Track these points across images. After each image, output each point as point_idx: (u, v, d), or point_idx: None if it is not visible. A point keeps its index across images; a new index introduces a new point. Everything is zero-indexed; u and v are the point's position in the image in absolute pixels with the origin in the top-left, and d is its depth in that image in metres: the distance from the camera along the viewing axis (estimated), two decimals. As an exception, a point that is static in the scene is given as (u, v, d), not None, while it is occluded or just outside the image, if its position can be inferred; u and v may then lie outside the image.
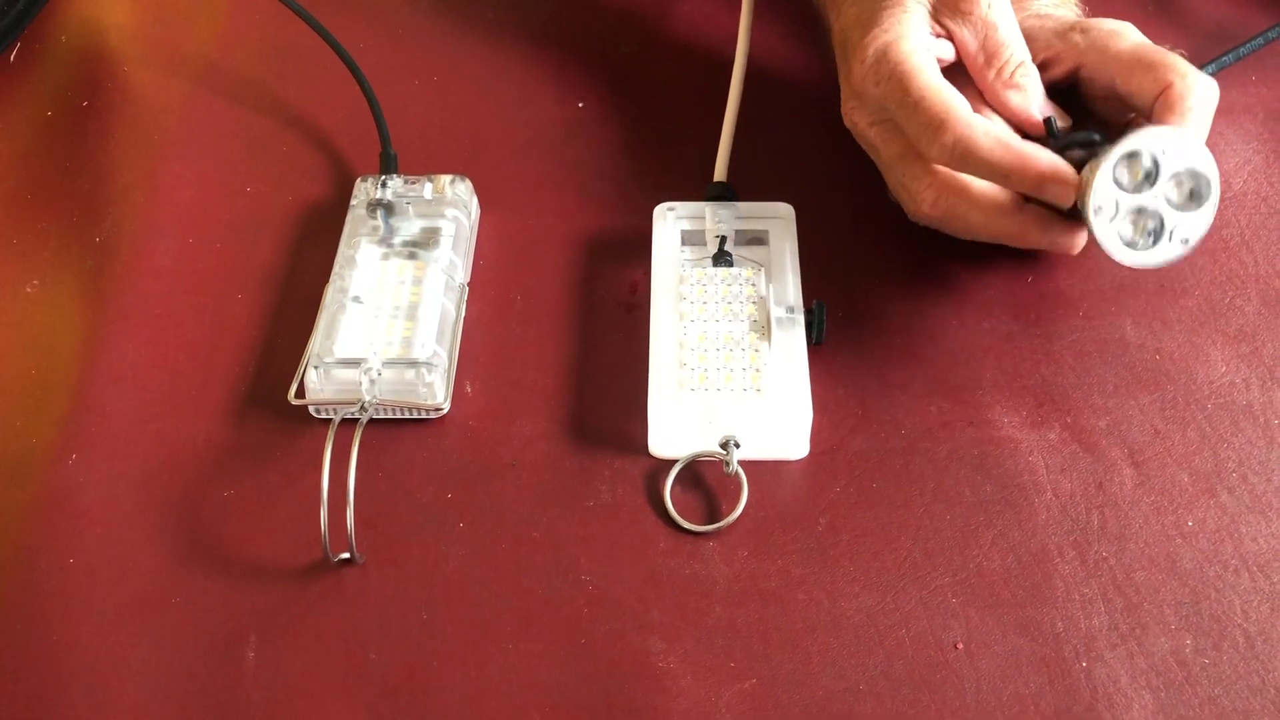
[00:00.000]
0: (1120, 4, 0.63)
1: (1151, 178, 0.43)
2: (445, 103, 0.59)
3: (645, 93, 0.59)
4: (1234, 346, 0.49)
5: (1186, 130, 0.44)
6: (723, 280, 0.49)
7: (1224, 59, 0.58)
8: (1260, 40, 0.59)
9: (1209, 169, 0.43)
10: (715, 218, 0.50)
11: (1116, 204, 0.44)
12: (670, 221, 0.51)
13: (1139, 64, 0.47)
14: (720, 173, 0.54)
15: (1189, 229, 0.44)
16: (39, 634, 0.42)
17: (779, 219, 0.51)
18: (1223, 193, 0.53)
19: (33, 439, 0.47)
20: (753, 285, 0.48)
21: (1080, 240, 0.48)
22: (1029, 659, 0.41)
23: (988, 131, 0.45)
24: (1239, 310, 0.50)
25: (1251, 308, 0.50)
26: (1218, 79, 0.57)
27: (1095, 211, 0.44)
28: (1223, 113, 0.57)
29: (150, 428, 0.47)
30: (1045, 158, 0.45)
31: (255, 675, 0.41)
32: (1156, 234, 0.44)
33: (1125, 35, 0.49)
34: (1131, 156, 0.43)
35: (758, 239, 0.51)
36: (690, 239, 0.51)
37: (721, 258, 0.49)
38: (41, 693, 0.41)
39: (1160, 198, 0.44)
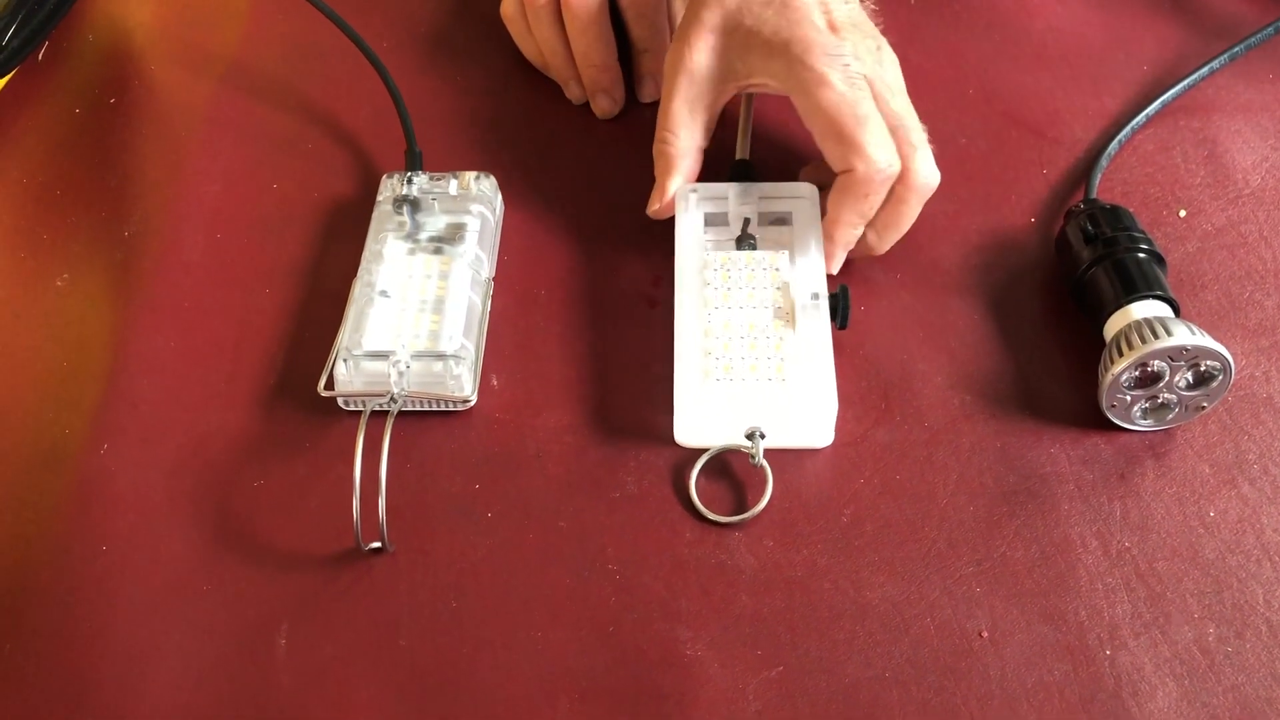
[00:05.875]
0: None
1: (1163, 377, 0.44)
2: (469, 99, 0.60)
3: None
4: (1253, 340, 0.49)
5: (1197, 335, 0.44)
6: (746, 265, 0.48)
7: (1235, 50, 0.58)
8: (1271, 30, 0.59)
9: (1222, 354, 0.44)
10: (738, 200, 0.50)
11: (1129, 400, 0.45)
12: (693, 204, 0.51)
13: (831, 131, 0.47)
14: (742, 150, 0.54)
15: (1205, 399, 0.45)
16: (73, 621, 0.43)
17: (802, 198, 0.50)
18: (1240, 189, 0.55)
19: (65, 429, 0.48)
20: (776, 270, 0.48)
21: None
22: (1053, 647, 0.41)
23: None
24: (1258, 305, 0.50)
25: (1271, 302, 0.50)
26: (1230, 71, 0.58)
27: (1110, 409, 0.45)
28: (1240, 109, 0.58)
29: (181, 418, 0.48)
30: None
31: (286, 662, 0.42)
32: (1172, 409, 0.46)
33: (829, 84, 0.46)
34: (1143, 364, 0.44)
35: (781, 219, 0.51)
36: (713, 220, 0.51)
37: (745, 240, 0.49)
38: (76, 678, 0.41)
39: (1174, 390, 0.45)
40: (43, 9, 0.61)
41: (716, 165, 0.55)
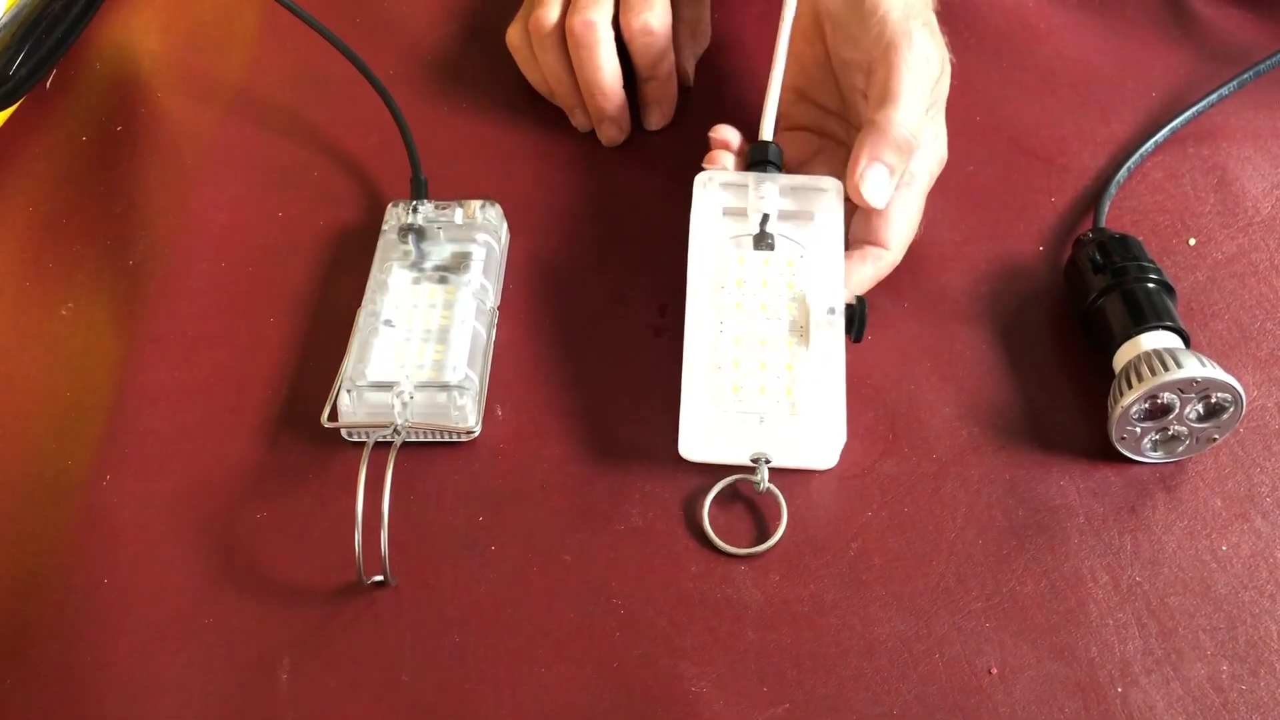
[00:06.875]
0: (1142, 23, 0.63)
1: (1173, 409, 0.44)
2: (475, 128, 0.60)
3: (677, 114, 0.60)
4: (1265, 371, 0.49)
5: (1207, 366, 0.43)
6: (762, 269, 0.47)
7: (1244, 76, 0.58)
8: (1280, 57, 0.59)
9: (1234, 386, 0.43)
10: (759, 193, 0.49)
11: (1139, 432, 0.45)
12: (711, 193, 0.49)
13: (903, 216, 0.49)
14: (765, 128, 0.51)
15: (1217, 431, 0.45)
16: (74, 653, 0.42)
17: (826, 192, 0.49)
18: (1251, 217, 0.54)
19: (68, 460, 0.47)
20: (793, 278, 0.47)
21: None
22: (1064, 684, 0.41)
23: None
24: (1269, 334, 0.50)
25: (1282, 332, 0.50)
26: (1240, 97, 0.58)
27: (1119, 441, 0.45)
28: (1250, 136, 0.57)
29: (184, 449, 0.48)
30: None
31: (289, 697, 0.41)
32: (1183, 441, 0.45)
33: (920, 185, 0.50)
34: (1153, 396, 0.44)
35: (802, 215, 0.49)
36: (730, 213, 0.49)
37: (763, 239, 0.48)
38: (77, 711, 0.41)
39: (1185, 422, 0.45)
40: (50, 37, 0.62)
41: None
